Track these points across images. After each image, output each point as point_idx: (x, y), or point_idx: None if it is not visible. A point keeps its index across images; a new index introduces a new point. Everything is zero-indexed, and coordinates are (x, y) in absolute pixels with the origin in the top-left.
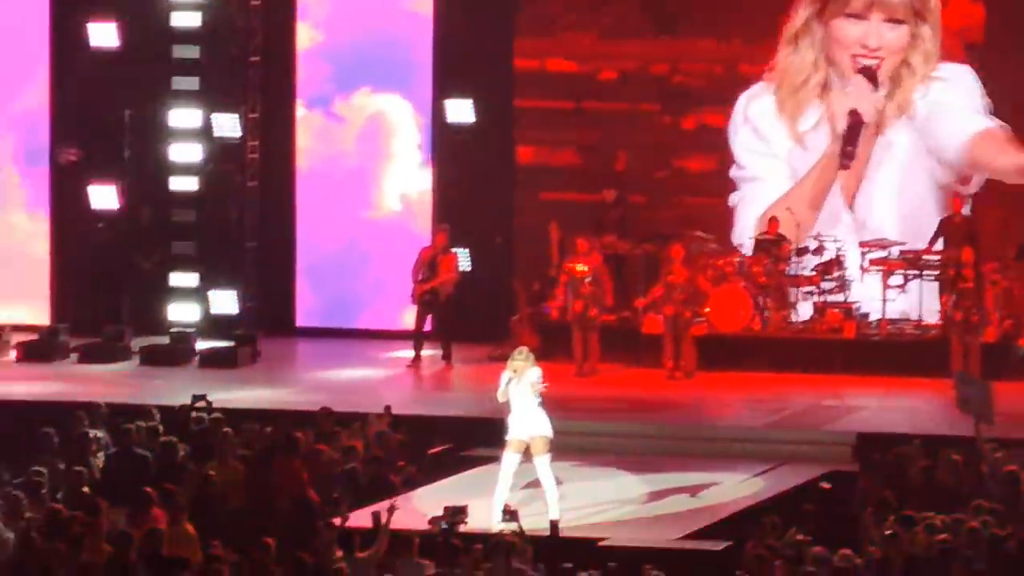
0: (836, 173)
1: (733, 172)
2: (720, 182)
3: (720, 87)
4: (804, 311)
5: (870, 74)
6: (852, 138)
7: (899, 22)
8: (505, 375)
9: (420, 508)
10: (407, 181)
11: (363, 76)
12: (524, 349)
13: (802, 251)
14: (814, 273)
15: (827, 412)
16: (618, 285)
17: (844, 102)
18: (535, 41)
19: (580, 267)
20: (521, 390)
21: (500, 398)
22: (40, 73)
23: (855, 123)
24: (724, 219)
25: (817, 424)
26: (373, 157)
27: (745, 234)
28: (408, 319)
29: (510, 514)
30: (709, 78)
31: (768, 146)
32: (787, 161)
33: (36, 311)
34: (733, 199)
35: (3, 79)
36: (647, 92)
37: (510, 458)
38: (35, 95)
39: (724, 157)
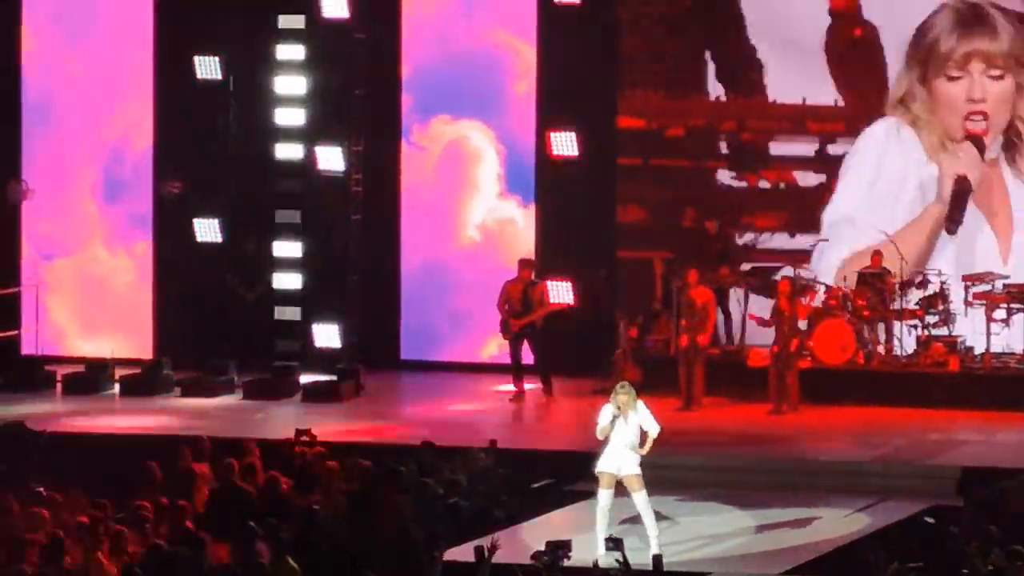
0: (940, 231)
1: (826, 213)
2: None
3: (788, 144)
4: (908, 345)
5: (978, 142)
6: (959, 205)
7: (1001, 74)
8: (608, 411)
9: (523, 542)
10: (503, 211)
11: (454, 104)
12: (626, 384)
13: (906, 285)
14: (918, 307)
15: (931, 446)
16: (723, 319)
17: (953, 165)
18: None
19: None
20: (625, 426)
21: (600, 435)
22: (136, 106)
23: (962, 190)
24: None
25: (921, 458)
26: (460, 186)
27: (829, 273)
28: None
29: (614, 543)
30: (777, 135)
31: (871, 189)
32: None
33: (139, 345)
34: (821, 235)
35: (104, 112)
36: (714, 148)
37: (603, 494)
38: (119, 128)
39: (789, 215)
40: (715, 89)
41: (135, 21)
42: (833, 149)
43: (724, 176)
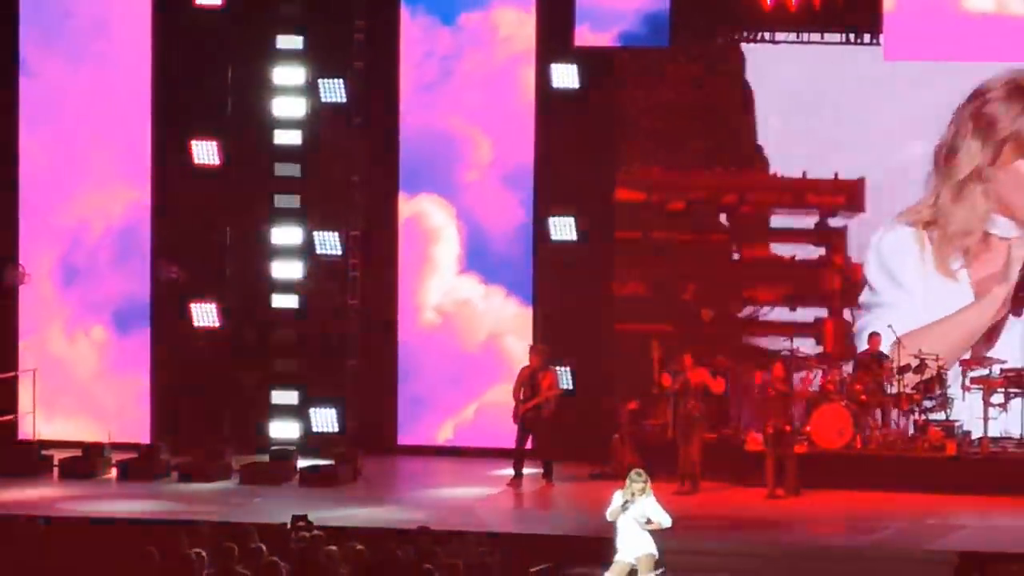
0: (995, 315)
1: (864, 297)
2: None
3: (789, 217)
4: (905, 429)
5: None
6: None
7: None
8: (620, 496)
9: None
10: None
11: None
12: (643, 473)
13: (903, 369)
14: (915, 391)
15: (928, 531)
16: (720, 403)
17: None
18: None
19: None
20: (632, 515)
21: (610, 517)
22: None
23: None
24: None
25: (918, 543)
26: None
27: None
28: (508, 437)
29: None
30: (777, 208)
31: (897, 279)
32: (921, 294)
33: (136, 429)
34: (860, 323)
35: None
36: (714, 222)
37: None
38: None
39: (790, 288)
40: (715, 163)
41: (133, 105)
42: (833, 222)
43: (725, 249)
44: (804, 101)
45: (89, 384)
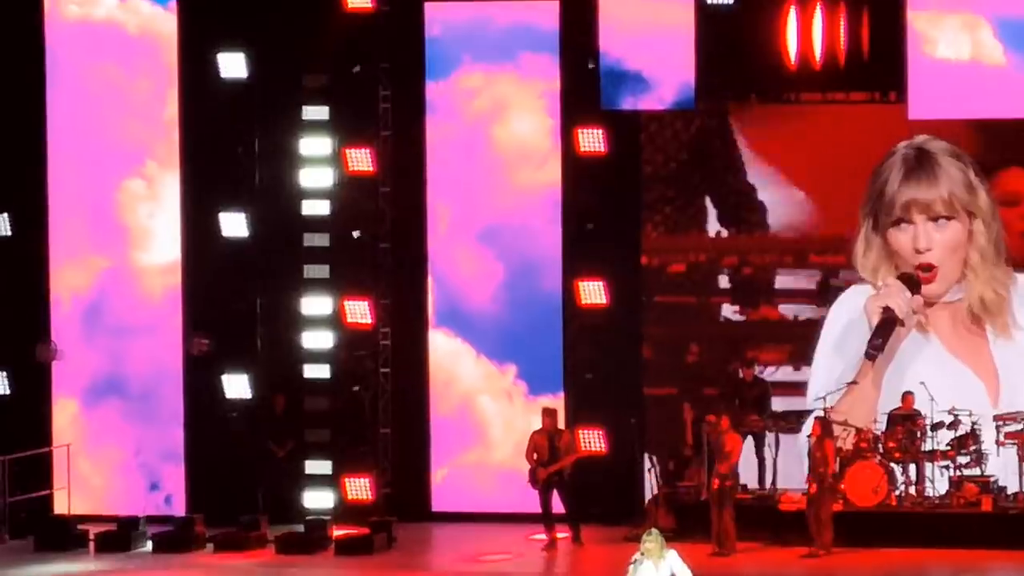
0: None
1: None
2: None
3: (790, 277)
4: (940, 486)
5: (908, 280)
6: (882, 333)
7: (947, 219)
8: (634, 558)
9: None
10: None
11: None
12: (655, 531)
13: (937, 425)
14: (949, 447)
15: None
16: (757, 463)
17: (877, 300)
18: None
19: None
20: (656, 574)
21: None
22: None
23: (888, 319)
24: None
25: None
26: None
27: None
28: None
29: None
30: (779, 269)
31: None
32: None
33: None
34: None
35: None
36: (716, 284)
37: None
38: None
39: (794, 348)
40: (715, 226)
41: (161, 179)
42: (835, 281)
43: (727, 311)
44: (821, 160)
45: (123, 457)
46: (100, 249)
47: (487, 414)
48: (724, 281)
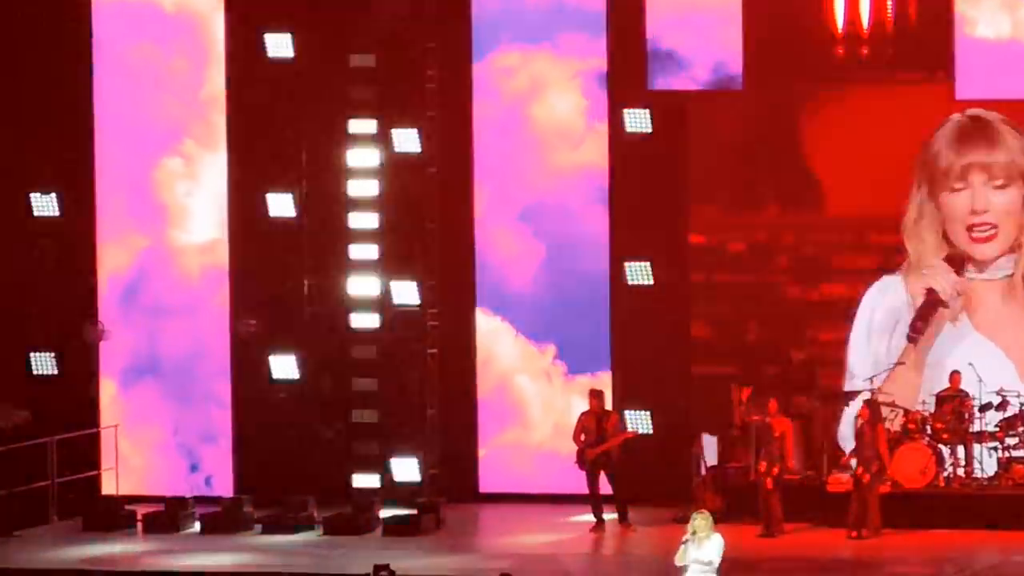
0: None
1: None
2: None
3: (849, 257)
4: (988, 467)
5: (954, 260)
6: (924, 315)
7: (1004, 186)
8: (684, 538)
9: None
10: None
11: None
12: (706, 513)
13: (985, 407)
14: (998, 428)
15: (1014, 569)
16: (805, 444)
17: (921, 282)
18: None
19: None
20: (699, 553)
21: (677, 562)
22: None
23: (931, 300)
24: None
25: None
26: None
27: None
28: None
29: None
30: (837, 248)
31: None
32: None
33: (218, 482)
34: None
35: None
36: (775, 263)
37: None
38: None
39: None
40: (770, 206)
41: (199, 158)
42: (894, 262)
43: (786, 290)
44: (872, 140)
45: (161, 438)
46: (139, 229)
47: (526, 394)
48: (783, 261)
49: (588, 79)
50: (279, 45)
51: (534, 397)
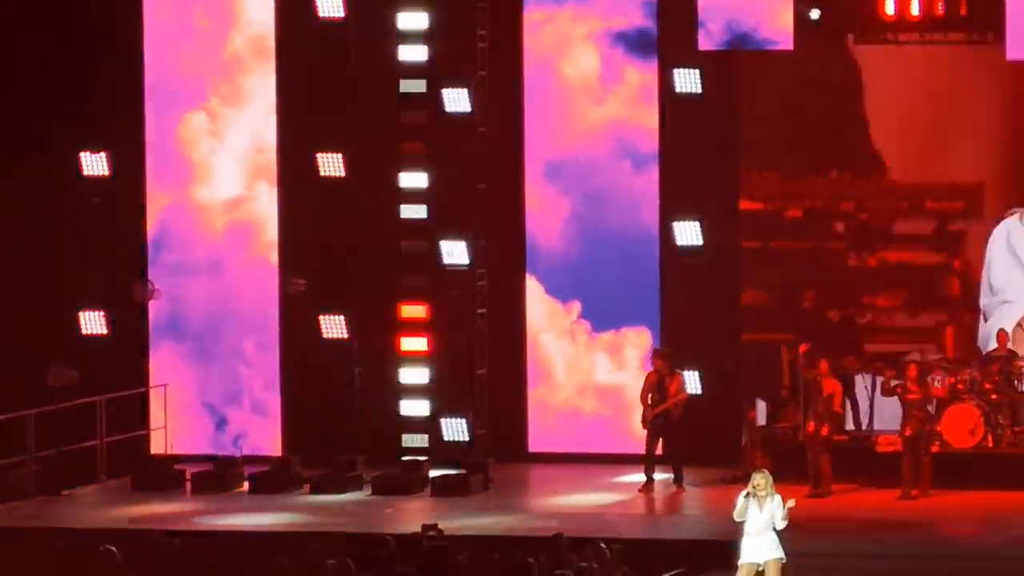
0: None
1: (983, 301)
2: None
3: (907, 223)
4: None
5: None
6: None
7: None
8: (744, 493)
9: None
10: None
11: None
12: (766, 472)
13: None
14: None
15: None
16: (850, 404)
17: None
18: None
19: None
20: (759, 513)
21: (737, 517)
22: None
23: None
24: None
25: None
26: None
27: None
28: (638, 443)
29: None
30: (895, 215)
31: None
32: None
33: (268, 442)
34: (984, 329)
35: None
36: (832, 229)
37: None
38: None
39: (910, 295)
40: (826, 171)
41: (223, 115)
42: (952, 227)
43: (843, 257)
44: (925, 104)
45: (187, 397)
46: (162, 186)
47: (550, 352)
48: (840, 226)
49: (620, 37)
50: (330, 4)
51: (558, 357)
